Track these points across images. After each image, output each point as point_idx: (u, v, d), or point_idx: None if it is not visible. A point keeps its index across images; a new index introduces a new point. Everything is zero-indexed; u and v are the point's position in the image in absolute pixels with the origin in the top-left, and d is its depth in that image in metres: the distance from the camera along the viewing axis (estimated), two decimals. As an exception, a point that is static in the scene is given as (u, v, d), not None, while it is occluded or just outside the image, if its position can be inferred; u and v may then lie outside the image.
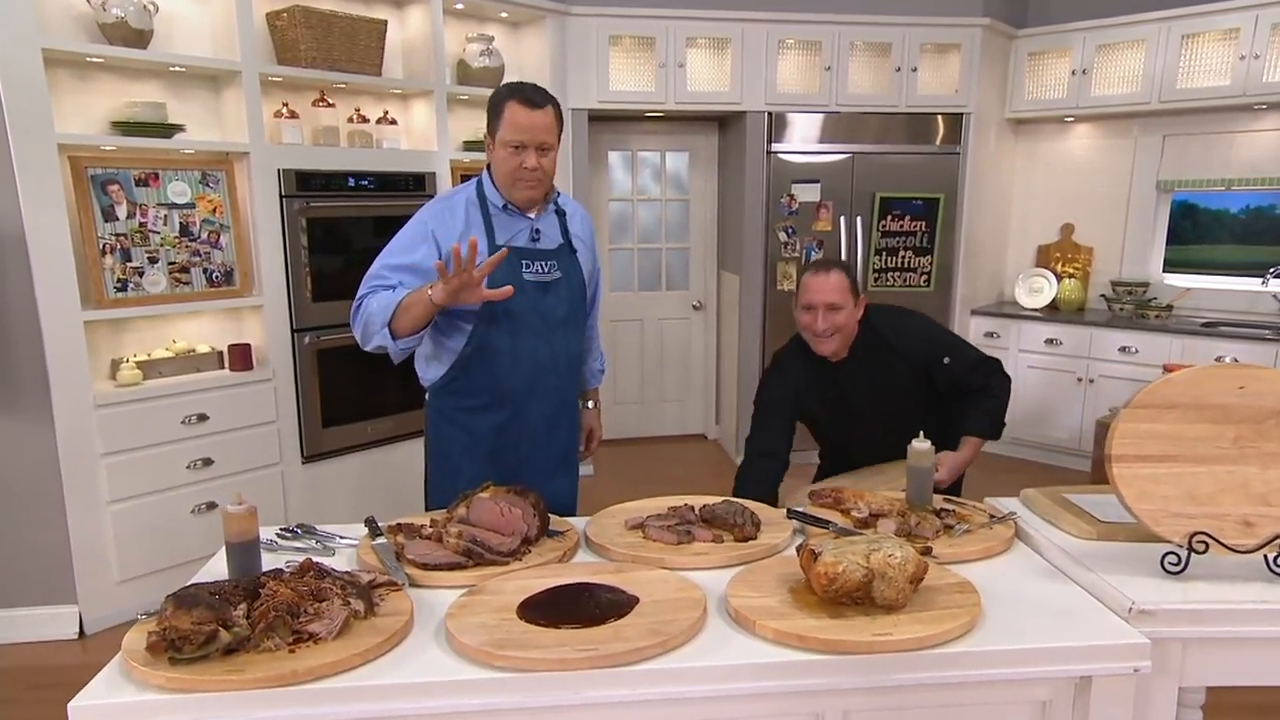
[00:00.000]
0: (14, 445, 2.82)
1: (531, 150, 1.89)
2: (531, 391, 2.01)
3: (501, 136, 1.90)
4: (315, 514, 3.46)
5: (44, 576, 2.91)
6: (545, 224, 2.04)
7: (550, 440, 2.08)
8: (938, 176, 4.79)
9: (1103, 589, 1.37)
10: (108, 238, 2.96)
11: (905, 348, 2.24)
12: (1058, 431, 4.83)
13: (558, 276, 2.01)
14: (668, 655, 1.23)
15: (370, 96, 3.83)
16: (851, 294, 2.16)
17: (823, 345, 2.18)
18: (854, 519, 1.69)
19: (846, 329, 2.17)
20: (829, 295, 2.12)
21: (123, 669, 1.18)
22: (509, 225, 1.98)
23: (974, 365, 2.23)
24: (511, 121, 1.88)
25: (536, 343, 1.98)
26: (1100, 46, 4.60)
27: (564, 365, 2.06)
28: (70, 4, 2.95)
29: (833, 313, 2.13)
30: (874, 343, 2.24)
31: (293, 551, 1.62)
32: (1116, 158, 4.98)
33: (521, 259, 1.96)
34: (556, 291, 2.00)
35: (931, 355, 2.23)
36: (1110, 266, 5.06)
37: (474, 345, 1.96)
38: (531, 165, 1.90)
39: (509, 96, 1.89)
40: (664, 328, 5.39)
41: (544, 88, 1.95)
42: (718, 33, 4.47)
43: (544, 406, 2.04)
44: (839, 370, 2.25)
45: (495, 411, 2.00)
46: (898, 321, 2.29)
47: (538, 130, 1.89)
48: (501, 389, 1.98)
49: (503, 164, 1.92)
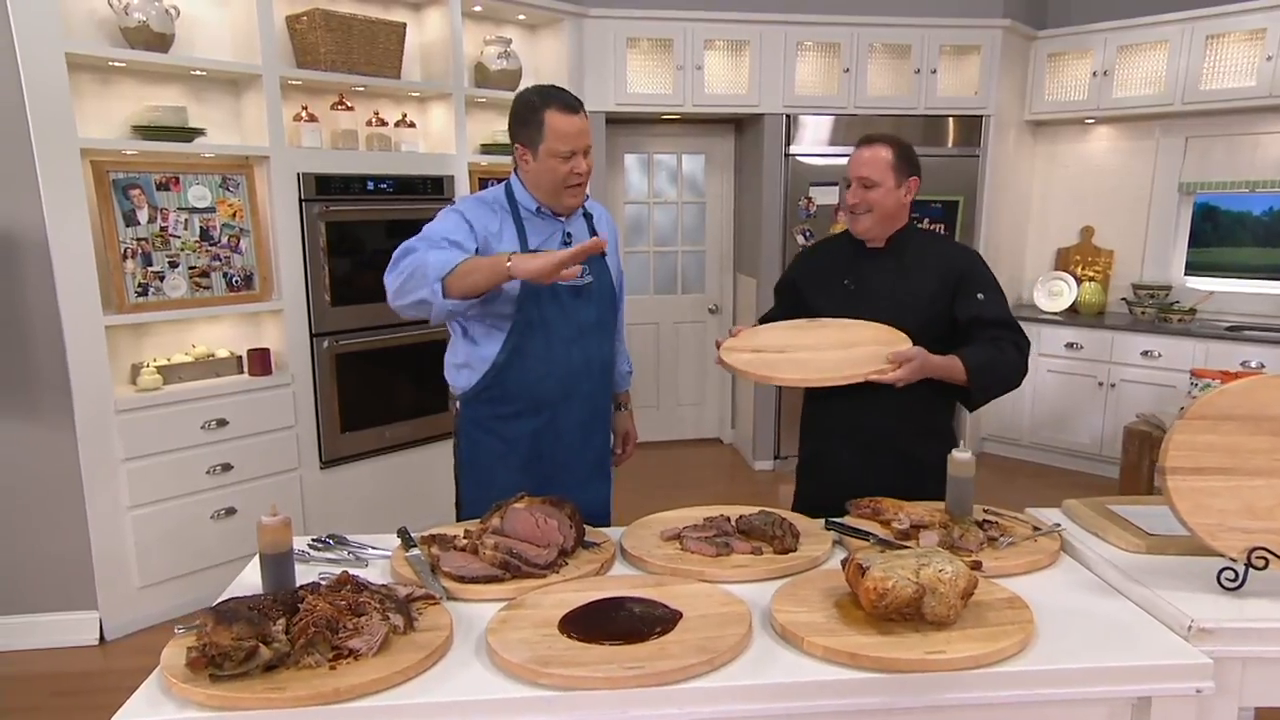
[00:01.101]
0: (36, 450, 2.81)
1: (580, 155, 1.87)
2: (567, 398, 1.98)
3: (549, 146, 1.85)
4: (333, 520, 3.44)
5: (65, 582, 2.90)
6: (575, 227, 2.02)
7: (586, 446, 2.05)
8: (957, 179, 4.76)
9: (1158, 605, 1.34)
10: (129, 242, 2.95)
11: (949, 254, 2.04)
12: (1079, 436, 4.79)
13: (589, 281, 1.98)
14: (715, 673, 1.20)
15: (389, 99, 3.82)
16: (894, 171, 1.94)
17: (856, 224, 2.01)
18: (894, 530, 1.66)
19: (883, 210, 1.96)
20: (862, 169, 1.95)
21: (162, 685, 1.16)
22: (541, 229, 1.96)
23: (1003, 322, 1.96)
24: (557, 130, 1.84)
25: (570, 348, 1.95)
26: (1122, 48, 4.56)
27: (597, 370, 2.03)
28: (93, 8, 2.94)
29: (866, 189, 1.95)
30: (915, 243, 2.04)
31: (325, 563, 1.60)
32: (1138, 160, 4.93)
33: None
34: (588, 296, 1.98)
35: (969, 277, 1.98)
36: (1131, 269, 5.01)
37: (508, 352, 1.93)
38: (582, 170, 1.88)
39: (545, 105, 1.84)
40: (680, 331, 5.36)
41: (568, 90, 1.92)
42: (736, 35, 4.44)
43: (579, 412, 2.01)
44: (866, 260, 2.04)
45: (530, 418, 1.98)
46: (953, 242, 2.14)
47: (583, 134, 1.87)
48: (537, 395, 1.96)
49: (550, 173, 1.88)
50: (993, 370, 1.91)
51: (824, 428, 2.08)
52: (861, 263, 2.05)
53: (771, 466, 4.89)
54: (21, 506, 2.84)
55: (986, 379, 1.91)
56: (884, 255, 2.04)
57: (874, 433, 1.98)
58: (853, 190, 1.98)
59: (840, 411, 2.02)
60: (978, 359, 1.89)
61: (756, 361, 1.88)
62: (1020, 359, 1.95)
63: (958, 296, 1.97)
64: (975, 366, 1.88)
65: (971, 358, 1.89)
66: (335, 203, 3.42)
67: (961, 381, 1.90)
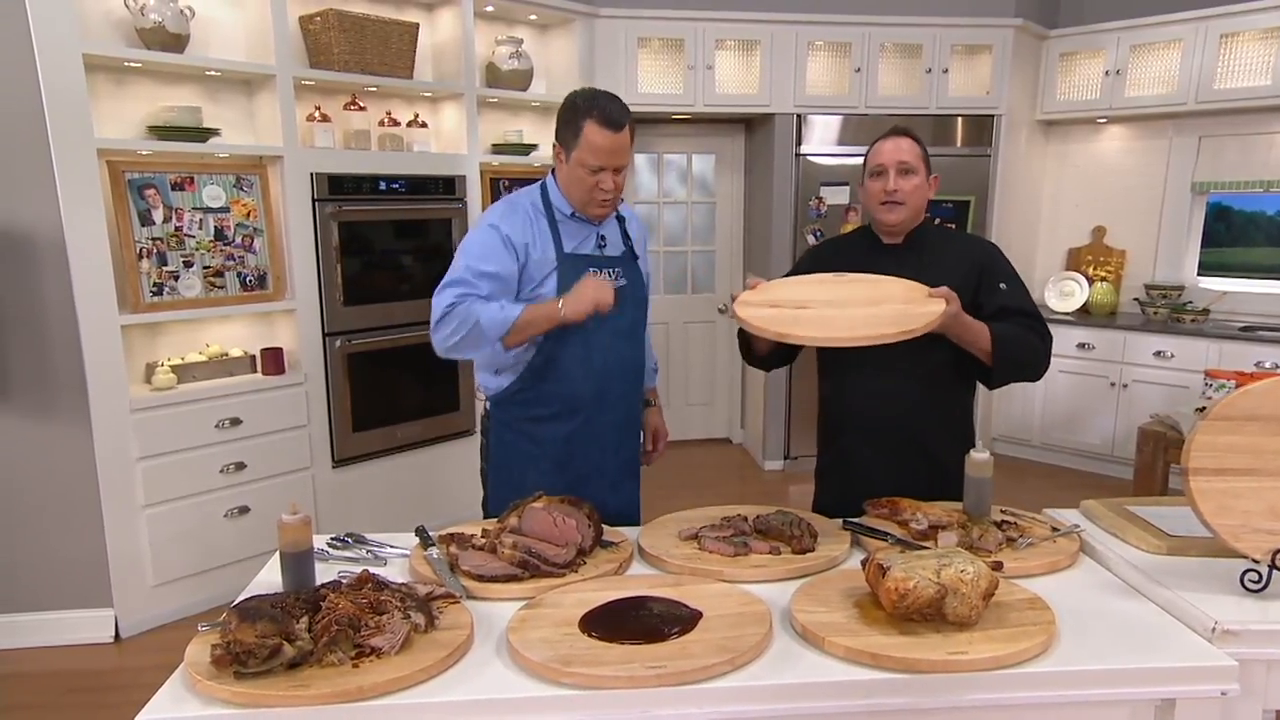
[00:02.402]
0: (52, 449, 2.83)
1: (609, 172, 1.83)
2: (601, 400, 1.97)
3: (578, 157, 1.82)
4: (346, 519, 3.45)
5: (81, 580, 2.91)
6: (609, 230, 2.00)
7: (620, 449, 2.04)
8: (968, 178, 4.74)
9: (1180, 607, 1.33)
10: (144, 242, 2.97)
11: (968, 248, 2.03)
12: (1090, 437, 4.77)
13: (623, 284, 1.96)
14: (737, 673, 1.20)
15: (401, 100, 3.83)
16: (925, 163, 1.94)
17: (890, 213, 1.93)
18: (912, 531, 1.66)
19: (915, 200, 1.93)
20: (902, 155, 1.90)
21: (186, 682, 1.17)
22: (575, 233, 1.94)
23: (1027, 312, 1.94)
24: (591, 144, 1.80)
25: (606, 353, 1.95)
26: (1134, 47, 4.54)
27: (631, 373, 2.02)
28: (109, 9, 2.96)
29: (905, 176, 1.90)
30: (934, 237, 2.02)
31: (344, 561, 1.60)
32: (1150, 159, 4.91)
33: (590, 266, 1.92)
34: (622, 299, 1.93)
35: (991, 269, 1.96)
36: (1143, 270, 4.99)
37: (544, 356, 1.92)
38: (608, 188, 1.85)
39: (588, 113, 1.79)
40: (690, 331, 5.36)
41: (622, 102, 1.84)
42: (747, 34, 4.44)
43: (613, 415, 2.00)
44: (883, 256, 1.98)
45: (565, 421, 1.96)
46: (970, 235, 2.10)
47: (619, 152, 1.82)
48: (571, 399, 1.94)
49: (578, 183, 1.86)
50: (1017, 346, 1.87)
51: (842, 424, 2.04)
52: (878, 258, 1.98)
53: (781, 467, 4.89)
54: (38, 505, 2.85)
55: (1010, 350, 1.85)
56: (901, 251, 1.99)
57: (894, 428, 1.94)
58: (891, 178, 1.91)
59: (859, 407, 1.99)
60: (1004, 330, 1.86)
61: (773, 317, 1.70)
62: (1044, 346, 1.92)
63: (981, 289, 1.93)
64: (1000, 336, 1.84)
65: (998, 328, 1.86)
66: (348, 203, 3.43)
67: (985, 351, 1.85)
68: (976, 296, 1.92)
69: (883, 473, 1.91)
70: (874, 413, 1.96)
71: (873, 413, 1.96)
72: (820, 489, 2.10)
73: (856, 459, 1.99)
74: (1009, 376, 1.91)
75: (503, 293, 1.86)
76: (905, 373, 1.91)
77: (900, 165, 1.90)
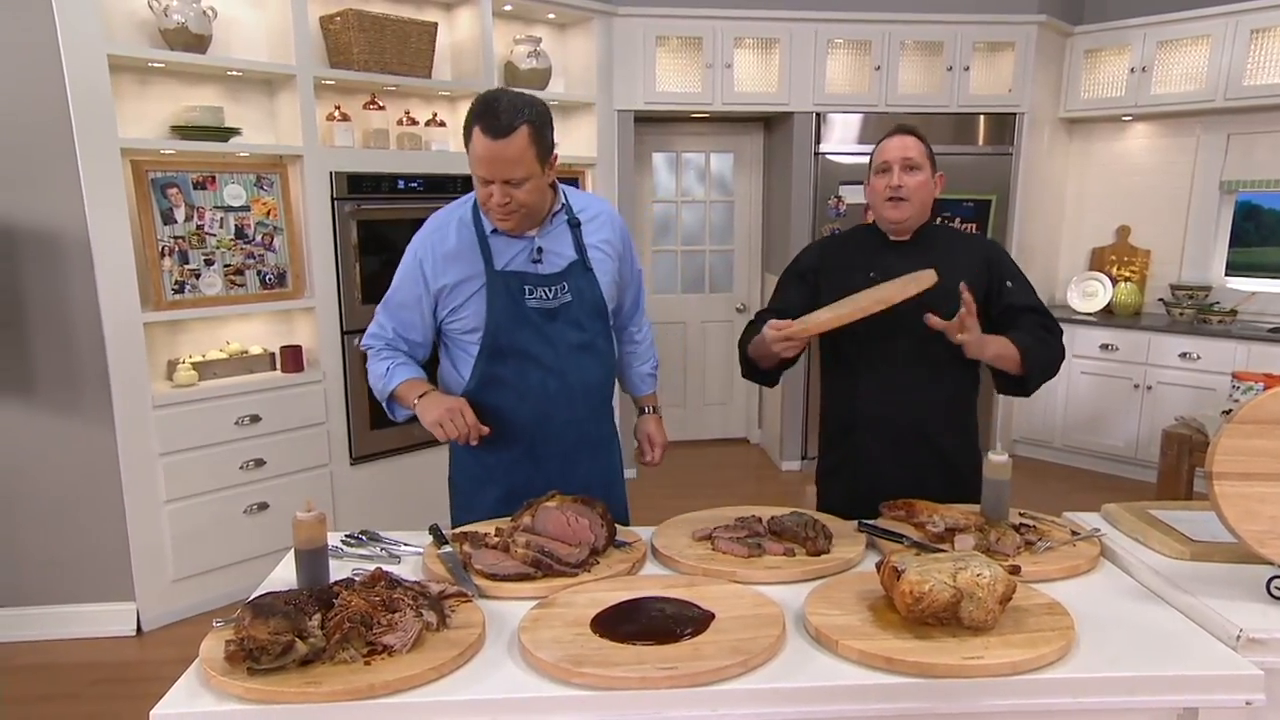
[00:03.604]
0: (76, 444, 2.87)
1: (497, 184, 1.66)
2: (542, 428, 1.84)
3: (470, 165, 1.68)
4: (364, 515, 3.48)
5: (104, 574, 2.96)
6: (550, 240, 1.82)
7: (569, 478, 1.84)
8: (989, 177, 4.69)
9: (1203, 614, 1.31)
10: (166, 240, 3.00)
11: (974, 247, 2.01)
12: (1113, 440, 4.70)
13: (567, 300, 1.81)
14: (749, 675, 1.19)
15: (419, 99, 3.84)
16: (930, 161, 1.92)
17: (895, 210, 1.91)
18: (928, 533, 1.64)
19: (920, 197, 1.91)
20: (907, 151, 1.89)
21: (201, 677, 1.17)
22: (506, 247, 1.80)
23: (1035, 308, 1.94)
24: (475, 151, 1.64)
25: (545, 376, 1.81)
26: (1161, 43, 4.47)
27: (580, 397, 1.86)
28: (133, 11, 2.99)
29: (910, 173, 1.89)
30: (941, 235, 2.01)
31: (358, 559, 1.61)
32: (1177, 157, 4.82)
33: (524, 284, 1.79)
34: (566, 316, 1.82)
35: (998, 267, 1.96)
36: (1169, 270, 4.91)
37: (477, 380, 1.82)
38: (498, 201, 1.68)
39: (474, 120, 1.63)
40: (707, 330, 5.34)
41: (526, 99, 1.66)
42: (766, 33, 4.42)
43: (557, 444, 1.86)
44: (891, 252, 1.96)
45: (505, 449, 1.85)
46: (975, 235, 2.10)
47: (502, 163, 1.63)
48: (509, 426, 1.82)
49: (477, 192, 1.74)
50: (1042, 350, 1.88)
51: (850, 423, 2.01)
52: (886, 255, 1.97)
53: (799, 467, 4.86)
54: (63, 499, 2.90)
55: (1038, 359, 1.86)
56: (910, 247, 1.97)
57: (902, 426, 1.92)
58: (895, 175, 1.90)
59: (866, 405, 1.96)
60: (1025, 341, 1.86)
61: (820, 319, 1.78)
62: (1057, 341, 1.93)
63: (991, 288, 1.93)
64: (1026, 349, 1.84)
65: (1020, 340, 1.85)
66: (366, 201, 3.45)
67: (1015, 363, 1.84)
68: (986, 294, 1.92)
69: (891, 472, 1.89)
70: (881, 411, 1.94)
71: (880, 411, 1.95)
72: (825, 490, 2.07)
73: (864, 458, 1.97)
74: (1040, 380, 1.92)
75: (414, 325, 1.86)
76: (912, 370, 1.90)
77: (905, 161, 1.89)
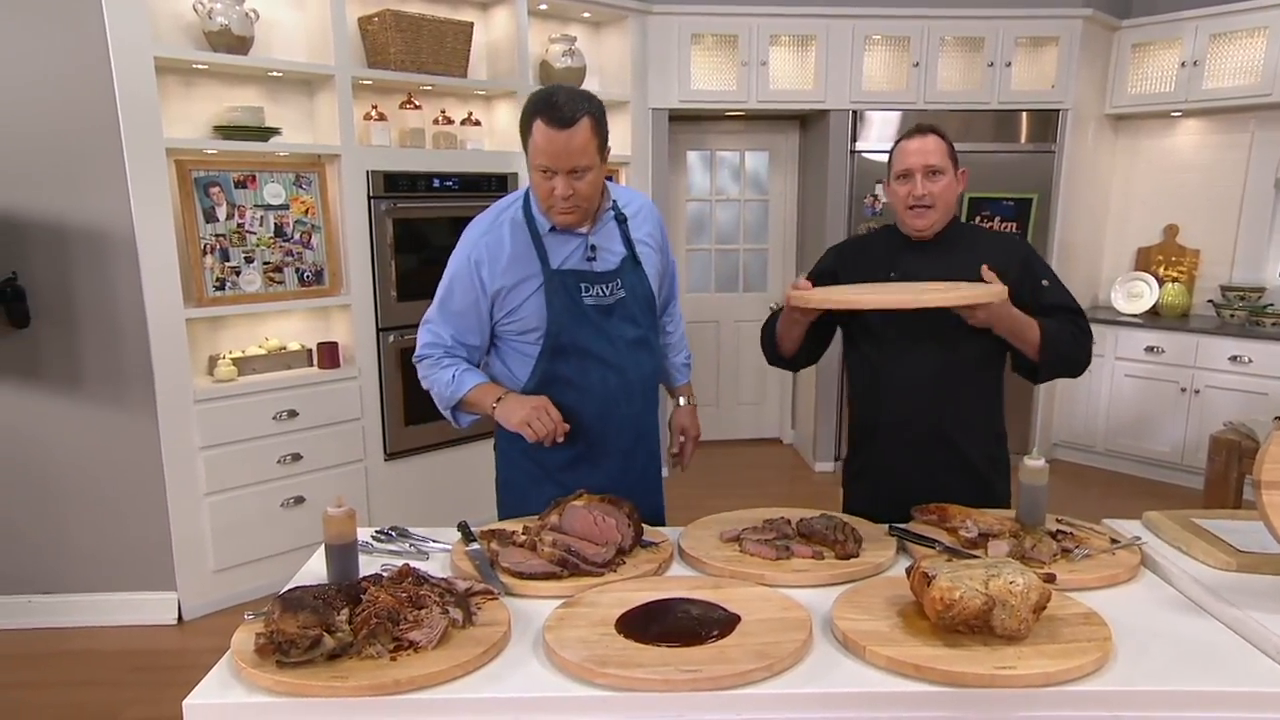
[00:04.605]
0: (121, 437, 2.95)
1: (561, 176, 1.68)
2: (605, 425, 1.86)
3: (531, 158, 1.69)
4: (397, 511, 3.52)
5: (146, 563, 3.03)
6: (602, 238, 1.84)
7: (626, 470, 1.91)
8: (1031, 176, 4.59)
9: (1250, 627, 1.26)
10: (208, 238, 3.07)
11: (1002, 245, 1.94)
12: (1158, 445, 4.57)
13: (621, 296, 1.84)
14: (774, 679, 1.18)
15: (455, 98, 3.88)
16: (952, 160, 1.86)
17: (918, 219, 1.86)
18: (961, 539, 1.61)
19: (945, 201, 1.86)
20: (929, 157, 1.83)
21: (233, 669, 1.20)
22: (560, 246, 1.80)
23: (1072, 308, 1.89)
24: (538, 144, 1.65)
25: (606, 373, 1.83)
26: (1214, 36, 4.33)
27: (639, 392, 1.89)
28: (179, 14, 3.06)
29: (933, 179, 1.83)
30: (965, 234, 1.95)
31: (387, 555, 1.63)
32: (1229, 154, 4.67)
33: (580, 282, 1.80)
34: (622, 312, 1.84)
35: (1030, 266, 1.90)
36: (1219, 270, 4.76)
37: (538, 380, 1.83)
38: (562, 193, 1.68)
39: (535, 113, 1.65)
40: (741, 330, 5.31)
41: (583, 93, 1.70)
42: (802, 29, 4.37)
43: (620, 439, 1.89)
44: (913, 253, 1.91)
45: (566, 447, 1.83)
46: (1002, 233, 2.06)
47: (566, 154, 1.64)
48: (572, 424, 1.80)
49: (536, 188, 1.73)
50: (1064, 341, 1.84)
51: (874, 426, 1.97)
52: (908, 256, 1.92)
53: (832, 468, 4.81)
54: (108, 490, 2.98)
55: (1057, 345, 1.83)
56: (933, 247, 1.92)
57: (923, 431, 1.88)
58: (919, 182, 1.84)
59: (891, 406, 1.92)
60: (1051, 325, 1.83)
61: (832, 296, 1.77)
62: (1086, 341, 1.89)
63: (1023, 287, 1.86)
64: (1048, 330, 1.81)
65: (1046, 323, 1.83)
66: (402, 200, 3.49)
67: (1033, 345, 1.81)
68: (1017, 295, 1.84)
69: (913, 477, 1.86)
70: (902, 415, 1.91)
71: (900, 415, 1.91)
72: (851, 493, 2.05)
73: (887, 463, 1.94)
74: (1055, 371, 1.88)
75: (472, 329, 1.83)
76: (932, 374, 1.86)
77: (927, 168, 1.84)
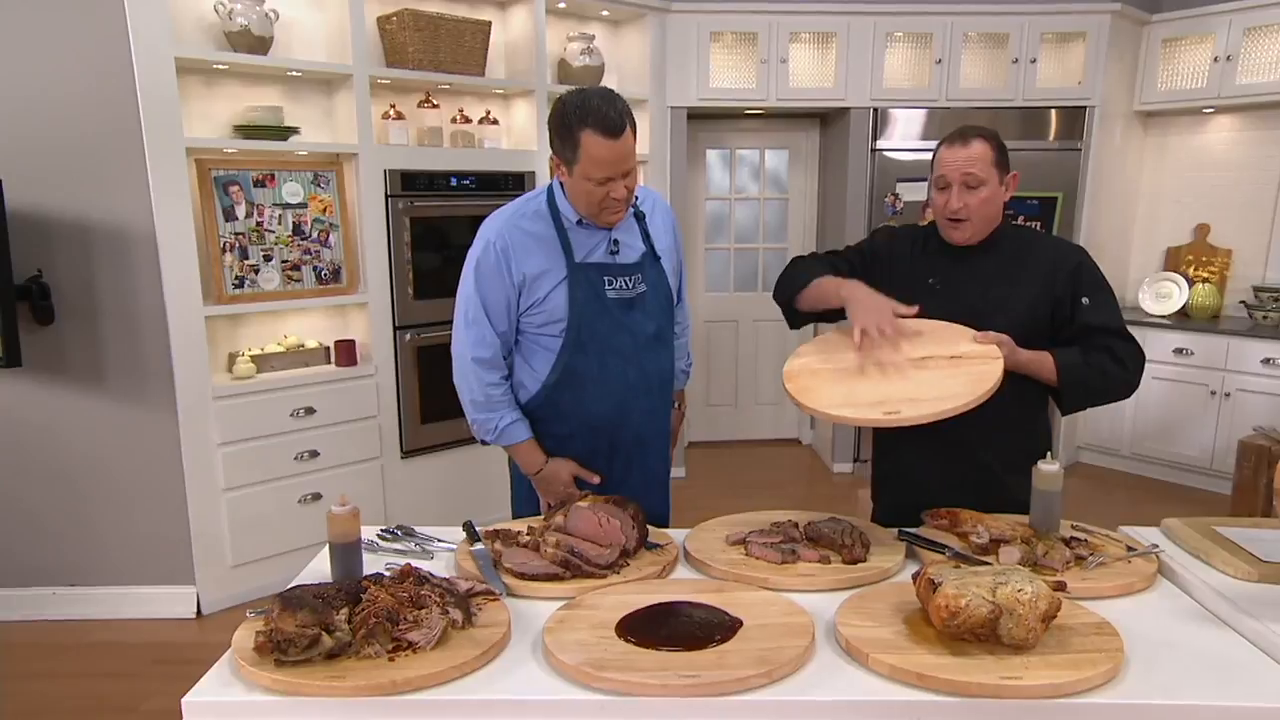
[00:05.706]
0: (141, 433, 2.99)
1: (619, 179, 1.70)
2: (623, 418, 1.88)
3: (582, 170, 1.69)
4: (413, 508, 3.54)
5: (166, 557, 3.07)
6: (624, 233, 1.87)
7: (643, 464, 1.95)
8: (1056, 174, 4.50)
9: (1271, 640, 1.22)
10: (228, 236, 3.10)
11: (1053, 254, 1.82)
12: (1187, 449, 4.47)
13: (643, 290, 1.86)
14: (774, 686, 1.16)
15: (473, 97, 3.88)
16: (996, 168, 1.74)
17: (956, 232, 1.78)
18: (972, 544, 1.57)
19: (983, 214, 1.76)
20: (967, 167, 1.71)
21: (233, 666, 1.20)
22: (586, 240, 1.82)
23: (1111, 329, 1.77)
24: (593, 156, 1.66)
25: (625, 366, 1.85)
26: (1248, 30, 4.22)
27: (656, 386, 1.92)
28: (200, 14, 3.10)
29: (970, 191, 1.73)
30: (1010, 240, 1.83)
31: (392, 554, 1.63)
32: (1264, 151, 4.56)
33: (603, 275, 1.83)
34: (643, 307, 1.86)
35: (1077, 279, 1.78)
36: (1252, 271, 4.64)
37: (559, 373, 1.85)
38: (620, 196, 1.72)
39: (583, 124, 1.64)
40: (759, 330, 5.28)
41: (613, 92, 1.70)
42: (822, 27, 4.33)
43: (636, 432, 1.91)
44: (956, 259, 1.83)
45: (584, 440, 1.88)
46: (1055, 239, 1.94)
47: (624, 159, 1.68)
48: (591, 417, 1.86)
49: (585, 195, 1.74)
50: (1085, 374, 1.75)
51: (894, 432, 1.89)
52: (950, 261, 1.84)
53: (851, 469, 4.76)
54: (129, 485, 3.02)
55: (1077, 381, 1.75)
56: (978, 254, 1.83)
57: (946, 439, 1.80)
58: (955, 194, 1.74)
59: None
60: (1069, 359, 1.74)
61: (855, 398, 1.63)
62: (1119, 370, 1.74)
63: (1065, 302, 1.78)
64: (1065, 366, 1.73)
65: (1063, 358, 1.74)
66: (420, 199, 3.51)
67: (1051, 379, 1.75)
68: (1058, 309, 1.78)
69: (936, 485, 1.81)
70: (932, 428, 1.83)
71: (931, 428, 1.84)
72: (876, 499, 2.01)
73: (908, 470, 1.89)
74: (1080, 404, 1.81)
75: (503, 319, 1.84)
76: None
77: (965, 179, 1.73)
